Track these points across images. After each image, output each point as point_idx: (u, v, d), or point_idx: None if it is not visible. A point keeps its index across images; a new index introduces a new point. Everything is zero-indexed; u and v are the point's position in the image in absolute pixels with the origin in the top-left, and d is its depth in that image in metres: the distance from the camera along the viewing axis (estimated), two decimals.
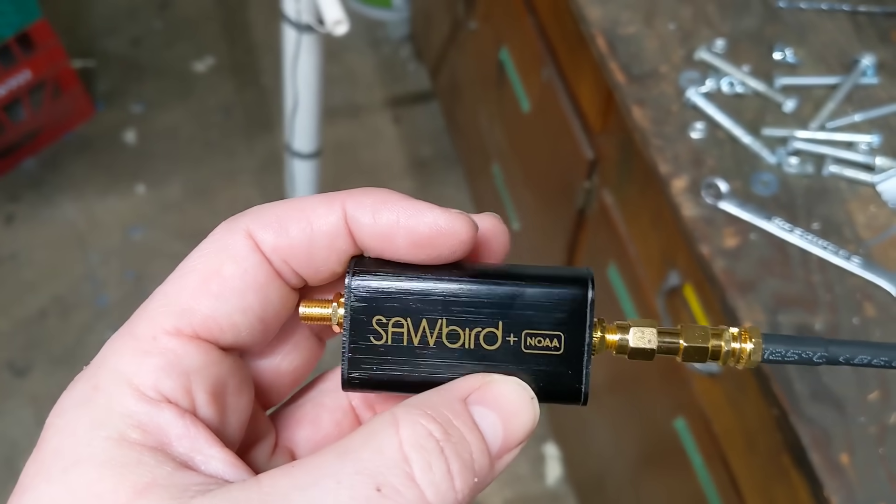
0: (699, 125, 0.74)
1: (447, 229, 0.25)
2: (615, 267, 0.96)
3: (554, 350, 0.26)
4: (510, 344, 0.26)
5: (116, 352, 0.24)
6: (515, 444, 0.24)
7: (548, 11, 1.05)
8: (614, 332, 0.27)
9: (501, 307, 0.26)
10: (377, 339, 0.26)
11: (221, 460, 0.23)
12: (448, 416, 0.23)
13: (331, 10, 0.96)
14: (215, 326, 0.24)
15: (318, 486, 0.21)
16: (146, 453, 0.22)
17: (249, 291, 0.25)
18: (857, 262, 0.67)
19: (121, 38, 1.99)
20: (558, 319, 0.26)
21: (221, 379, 0.25)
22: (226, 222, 0.26)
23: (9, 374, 1.56)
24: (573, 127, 1.02)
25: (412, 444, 0.22)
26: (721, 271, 0.67)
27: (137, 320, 0.24)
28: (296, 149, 1.28)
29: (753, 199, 0.71)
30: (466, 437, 0.23)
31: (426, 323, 0.26)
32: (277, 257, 0.25)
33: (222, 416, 0.25)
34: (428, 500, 0.22)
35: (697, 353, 0.27)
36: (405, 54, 1.99)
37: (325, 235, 0.25)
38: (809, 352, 0.26)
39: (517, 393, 0.25)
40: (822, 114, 0.74)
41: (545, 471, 1.48)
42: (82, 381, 0.24)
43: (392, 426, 0.22)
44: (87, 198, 1.77)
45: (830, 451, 0.60)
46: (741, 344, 0.27)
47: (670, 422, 0.89)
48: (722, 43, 0.79)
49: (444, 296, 0.26)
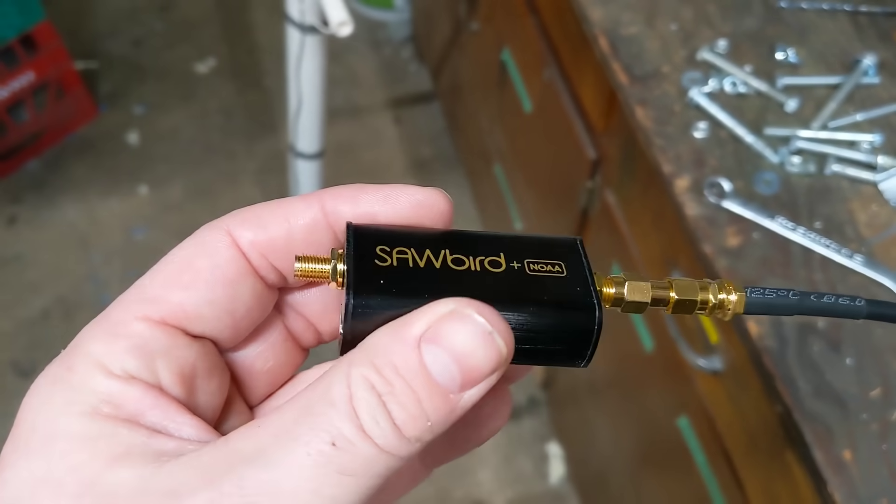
0: (702, 125, 0.75)
1: (426, 201, 0.26)
2: (618, 267, 0.97)
3: (558, 273, 0.26)
4: (514, 268, 0.26)
5: (90, 336, 0.25)
6: (478, 378, 0.23)
7: (550, 12, 1.05)
8: (611, 286, 0.27)
9: (504, 245, 0.27)
10: (381, 261, 0.25)
11: (192, 426, 0.24)
12: (394, 363, 0.23)
13: (335, 12, 0.97)
14: (182, 315, 0.25)
15: (277, 443, 0.22)
16: (119, 424, 0.23)
17: (219, 285, 0.26)
18: (859, 260, 0.68)
19: (123, 40, 2.00)
20: (557, 254, 0.27)
21: (189, 361, 0.25)
22: (209, 223, 0.27)
23: (13, 375, 1.57)
24: (575, 127, 1.02)
25: (358, 398, 0.22)
26: (724, 270, 0.68)
27: (112, 308, 0.26)
28: (299, 149, 1.28)
29: (756, 198, 0.71)
30: (411, 385, 0.23)
31: (430, 252, 0.26)
32: (255, 252, 0.26)
33: (191, 397, 0.26)
34: (383, 449, 0.22)
35: (686, 305, 0.28)
36: (406, 55, 1.99)
37: (302, 229, 0.26)
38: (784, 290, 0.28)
39: (471, 333, 0.23)
40: (824, 113, 0.75)
41: (548, 470, 1.48)
42: (57, 363, 0.25)
43: (344, 378, 0.23)
44: (89, 199, 1.77)
45: (833, 448, 0.60)
46: (726, 295, 0.27)
47: (673, 420, 0.89)
48: (724, 43, 0.80)
49: (445, 237, 0.26)
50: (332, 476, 0.22)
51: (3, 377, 1.56)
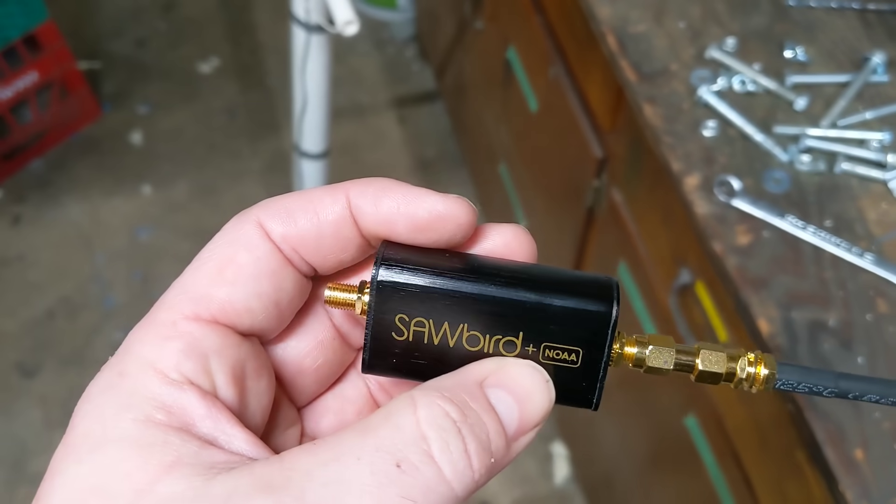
0: (711, 123, 0.75)
1: (445, 213, 0.26)
2: (625, 265, 0.97)
3: (571, 363, 0.26)
4: (528, 353, 0.26)
5: (139, 339, 0.25)
6: (531, 426, 0.25)
7: (556, 10, 1.05)
8: (633, 346, 0.27)
9: (524, 318, 0.26)
10: (398, 335, 0.26)
11: (243, 440, 0.24)
12: (465, 398, 0.24)
13: (341, 11, 0.96)
14: (232, 311, 0.25)
15: (338, 461, 0.22)
16: (171, 433, 0.23)
17: (263, 277, 0.26)
18: (869, 258, 0.67)
19: (126, 40, 2.00)
20: (579, 335, 0.26)
21: (240, 361, 0.25)
22: (237, 216, 0.27)
23: (18, 376, 1.56)
24: (582, 125, 1.02)
25: (430, 424, 0.22)
26: (734, 269, 0.68)
27: (157, 310, 0.25)
28: (304, 149, 1.28)
29: (766, 196, 0.71)
30: (483, 418, 0.24)
31: (448, 326, 0.26)
32: (287, 246, 0.26)
33: (242, 399, 0.25)
34: (446, 478, 0.22)
35: (711, 376, 0.27)
36: (410, 54, 1.99)
37: (331, 224, 0.26)
38: (820, 385, 0.27)
39: (532, 375, 0.25)
40: (834, 111, 0.75)
41: (553, 470, 1.48)
42: (108, 369, 0.24)
43: (410, 406, 0.23)
44: (93, 199, 1.77)
45: (845, 447, 0.60)
46: (755, 370, 0.27)
47: (681, 419, 0.89)
48: (732, 41, 0.79)
49: (468, 299, 0.26)
50: (392, 498, 0.21)
51: (8, 378, 1.56)
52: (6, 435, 1.51)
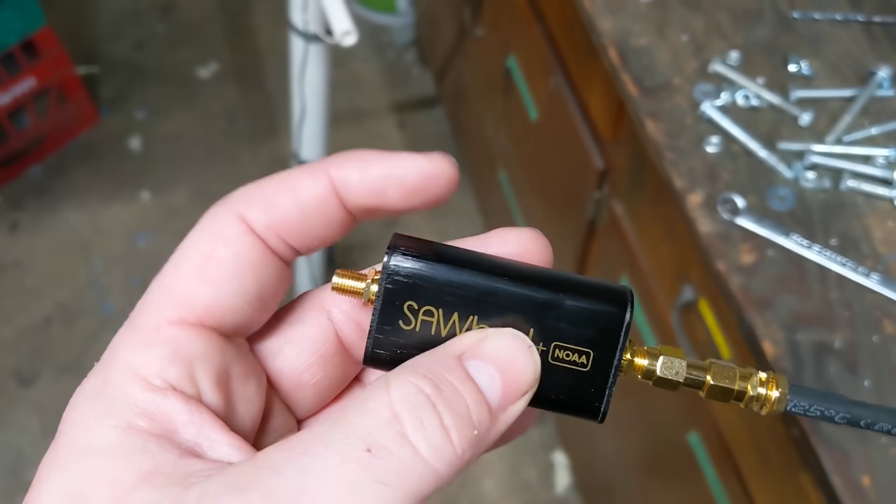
0: (714, 139, 0.74)
1: (435, 171, 0.26)
2: (627, 279, 0.96)
3: (580, 366, 0.26)
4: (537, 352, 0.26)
5: (122, 345, 0.24)
6: (517, 394, 0.24)
7: (556, 20, 1.04)
8: (643, 357, 0.27)
9: (536, 314, 0.25)
10: (406, 323, 0.26)
11: (228, 444, 0.24)
12: (440, 372, 0.23)
13: (339, 21, 0.95)
14: (217, 312, 0.25)
15: (308, 453, 0.21)
16: (152, 441, 0.23)
17: (245, 273, 0.25)
18: (875, 278, 0.66)
19: (124, 44, 1.99)
20: (591, 336, 0.26)
21: (225, 365, 0.25)
22: (213, 207, 0.26)
23: (15, 384, 1.56)
24: (583, 136, 1.01)
25: (402, 403, 0.22)
26: (738, 288, 0.67)
27: (139, 313, 0.25)
28: (303, 157, 1.27)
29: (770, 214, 0.70)
30: (460, 390, 0.23)
31: (457, 316, 0.25)
32: (272, 234, 0.26)
33: (229, 403, 0.25)
34: (423, 456, 0.21)
35: (722, 392, 0.26)
36: (410, 59, 1.98)
37: (314, 204, 0.26)
38: (832, 410, 0.26)
39: (512, 343, 0.24)
40: (839, 127, 0.74)
41: (554, 479, 1.47)
42: (93, 377, 0.24)
43: (383, 388, 0.22)
44: (91, 205, 1.76)
45: (852, 473, 0.59)
46: (767, 390, 0.26)
47: (683, 435, 0.88)
48: (736, 55, 0.78)
49: (480, 292, 0.25)
50: (364, 484, 0.21)
51: (5, 385, 1.55)
52: (3, 443, 1.50)
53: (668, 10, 0.82)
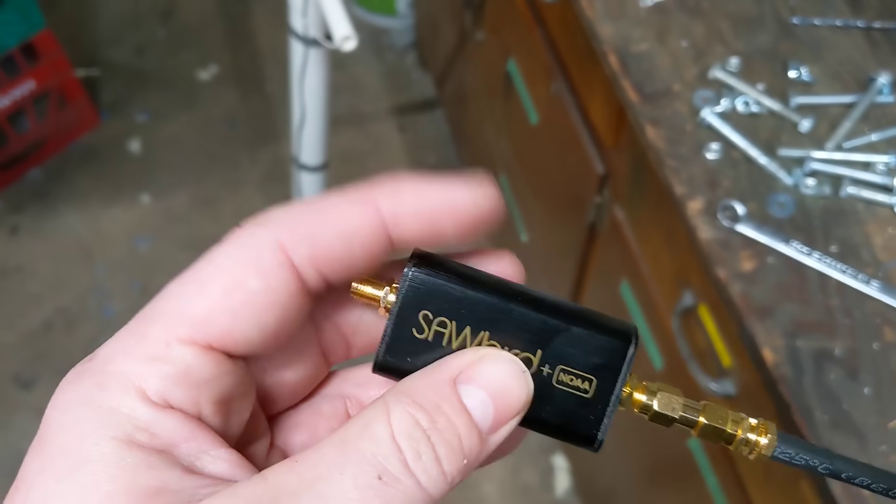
0: (714, 145, 0.74)
1: (485, 202, 0.26)
2: (627, 284, 0.96)
3: (583, 392, 0.27)
4: (542, 374, 0.26)
5: (125, 351, 0.24)
6: (508, 418, 0.25)
7: (557, 25, 1.04)
8: (642, 392, 0.28)
9: (545, 337, 0.26)
10: (419, 332, 0.26)
11: (226, 461, 0.24)
12: (435, 401, 0.24)
13: (339, 26, 0.95)
14: (230, 341, 0.24)
15: (322, 479, 0.22)
16: (154, 456, 0.22)
17: (271, 309, 0.24)
18: (876, 285, 0.66)
19: (124, 47, 1.99)
20: (596, 364, 0.26)
21: (229, 388, 0.25)
22: (254, 226, 0.25)
23: (15, 388, 1.56)
24: (583, 141, 1.01)
25: (402, 433, 0.23)
26: (738, 296, 0.67)
27: (151, 321, 0.24)
28: (303, 162, 1.27)
29: (770, 221, 0.70)
30: (454, 421, 0.23)
31: (469, 330, 0.26)
32: (311, 268, 0.25)
33: (226, 422, 0.25)
34: (422, 486, 0.23)
35: (714, 433, 0.27)
36: (410, 62, 1.98)
37: (360, 237, 0.25)
38: (815, 461, 0.27)
39: (506, 368, 0.25)
40: (839, 133, 0.74)
41: (554, 482, 1.47)
42: (87, 377, 0.23)
43: (384, 415, 0.23)
44: (92, 208, 1.76)
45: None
46: (757, 437, 0.27)
47: (683, 440, 0.88)
48: (736, 61, 0.78)
49: (495, 309, 0.26)
50: None
51: (6, 390, 1.55)
52: (3, 447, 1.50)
53: (668, 16, 0.82)
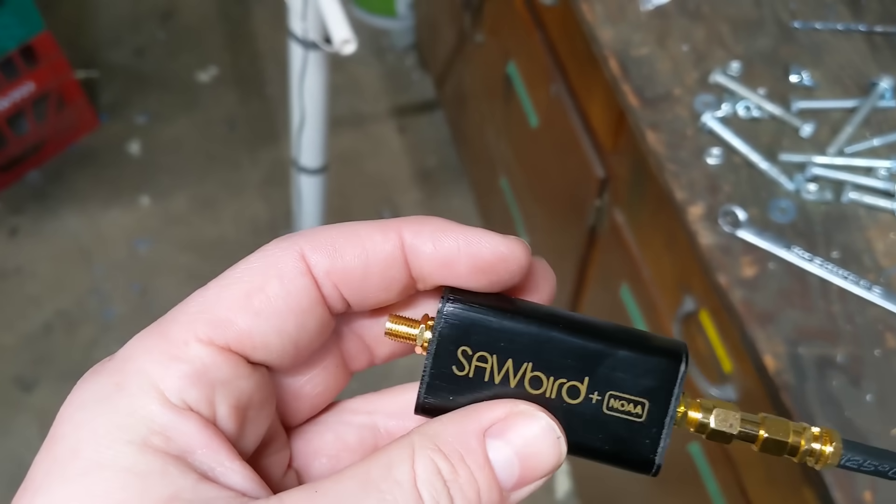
0: (715, 150, 0.73)
1: (508, 255, 0.25)
2: (628, 288, 0.95)
3: (636, 417, 0.26)
4: (592, 402, 0.25)
5: (145, 350, 0.23)
6: (533, 479, 0.24)
7: (557, 28, 1.03)
8: (697, 410, 0.27)
9: (591, 363, 0.25)
10: (459, 370, 0.25)
11: (240, 474, 0.23)
12: (460, 452, 0.23)
13: (338, 29, 0.95)
14: (248, 343, 0.24)
15: None
16: (169, 462, 0.22)
17: (290, 314, 0.24)
18: (878, 291, 0.66)
19: (124, 49, 1.98)
20: (646, 387, 0.25)
21: (246, 394, 0.24)
22: (279, 239, 0.25)
23: (16, 390, 1.55)
24: (583, 144, 1.01)
25: (424, 481, 0.22)
26: (740, 302, 0.66)
27: (171, 322, 0.24)
28: (303, 164, 1.27)
29: (771, 226, 0.70)
30: (475, 476, 0.23)
31: (511, 363, 0.25)
32: (329, 282, 0.25)
33: (241, 430, 0.25)
34: None
35: (776, 446, 0.26)
36: (410, 63, 1.98)
37: (380, 262, 0.25)
38: (886, 465, 0.26)
39: (541, 433, 0.24)
40: (840, 138, 0.73)
41: (554, 485, 1.47)
42: (105, 376, 0.23)
43: (409, 459, 0.23)
44: (91, 210, 1.76)
45: (854, 489, 0.59)
46: (821, 446, 0.26)
47: (684, 445, 0.88)
48: (737, 65, 0.78)
49: (535, 339, 0.25)
50: None
51: (7, 392, 1.55)
52: (3, 449, 1.50)
53: (668, 20, 0.82)
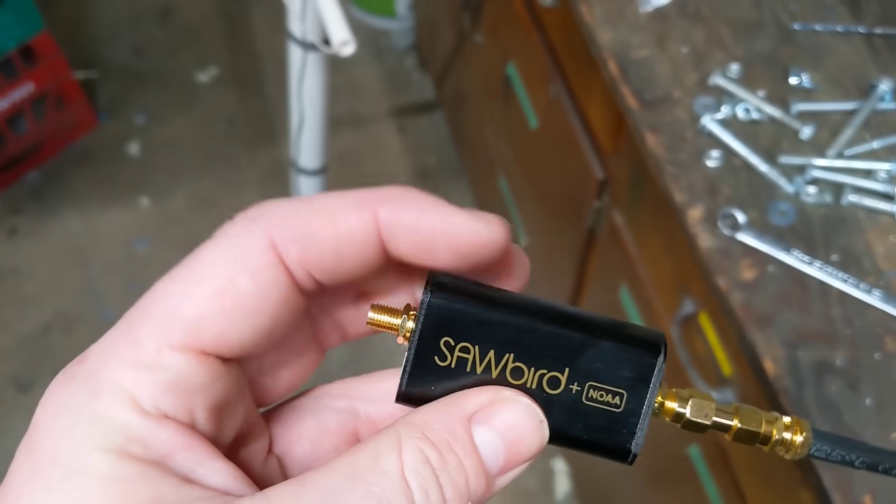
0: (714, 153, 0.73)
1: (489, 238, 0.25)
2: (627, 289, 0.95)
3: (614, 407, 0.26)
4: (572, 392, 0.26)
5: (116, 356, 0.23)
6: (518, 464, 0.24)
7: (556, 29, 1.03)
8: (674, 400, 0.27)
9: (571, 354, 0.26)
10: (441, 360, 0.25)
11: (222, 473, 0.23)
12: (447, 440, 0.23)
13: (337, 31, 0.95)
14: (223, 344, 0.23)
15: None
16: (149, 468, 0.22)
17: (264, 310, 0.24)
18: (877, 295, 0.66)
19: (123, 49, 1.98)
20: (624, 378, 0.26)
21: (223, 393, 0.24)
22: (244, 220, 0.24)
23: (13, 390, 1.55)
24: (583, 146, 1.01)
25: (411, 470, 0.22)
26: (739, 305, 0.66)
27: (141, 325, 0.23)
28: (301, 165, 1.27)
29: (771, 229, 0.69)
30: (463, 463, 0.23)
31: (493, 354, 0.25)
32: (301, 268, 0.24)
33: (220, 428, 0.24)
34: None
35: (748, 435, 0.27)
36: (409, 63, 1.98)
37: (354, 245, 0.24)
38: (852, 455, 0.27)
39: (523, 415, 0.24)
40: (840, 141, 0.73)
41: (553, 486, 1.47)
42: (77, 382, 0.23)
43: (395, 449, 0.23)
44: (90, 210, 1.76)
45: (853, 493, 0.59)
46: (792, 435, 0.27)
47: (683, 448, 0.88)
48: (736, 67, 0.78)
49: (517, 330, 0.25)
50: None
51: (4, 392, 1.55)
52: (2, 451, 1.49)
53: (668, 21, 0.82)
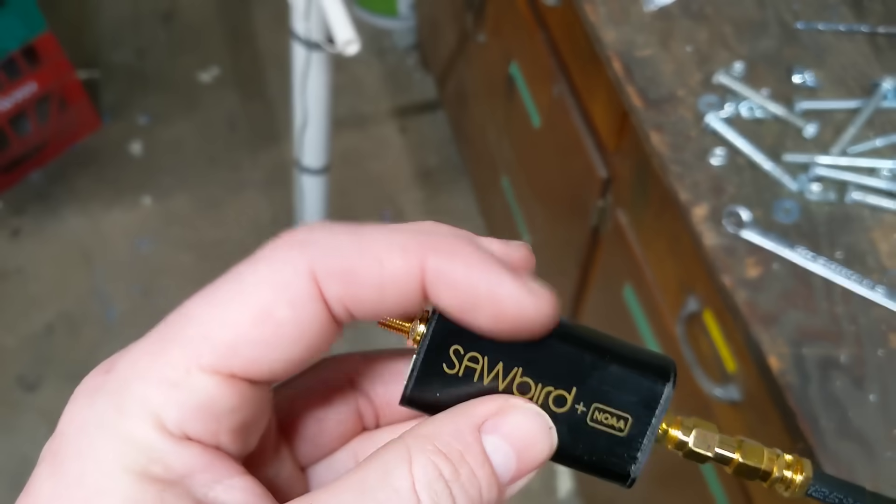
0: (719, 151, 0.73)
1: (533, 314, 0.24)
2: (631, 288, 0.95)
3: (618, 430, 0.26)
4: (577, 412, 0.26)
5: (145, 374, 0.23)
6: (527, 471, 0.24)
7: (559, 28, 1.04)
8: (678, 429, 0.27)
9: (580, 374, 0.26)
10: (450, 367, 0.25)
11: (242, 489, 0.23)
12: (459, 451, 0.23)
13: (342, 30, 0.95)
14: (255, 370, 0.23)
15: None
16: (167, 489, 0.22)
17: (300, 342, 0.23)
18: (881, 291, 0.66)
19: (126, 49, 1.99)
20: (632, 402, 0.26)
21: (250, 416, 0.24)
22: (288, 247, 0.23)
23: (19, 390, 1.56)
24: (586, 145, 1.01)
25: (423, 485, 0.22)
26: (744, 303, 0.66)
27: (172, 343, 0.23)
28: (305, 164, 1.27)
29: (775, 227, 0.70)
30: (476, 474, 0.23)
31: (501, 366, 0.25)
32: (341, 307, 0.24)
33: (243, 445, 0.24)
34: None
35: (749, 471, 0.27)
36: (411, 63, 1.98)
37: (396, 289, 0.23)
38: (850, 499, 0.26)
39: (534, 423, 0.25)
40: (844, 139, 0.73)
41: (556, 485, 1.47)
42: (104, 397, 0.23)
43: (405, 463, 0.23)
44: (93, 211, 1.76)
45: None
46: (792, 474, 0.27)
47: None
48: (740, 66, 0.78)
49: (528, 346, 0.25)
50: None
51: (10, 392, 1.55)
52: (7, 449, 1.50)
53: (672, 21, 0.82)
